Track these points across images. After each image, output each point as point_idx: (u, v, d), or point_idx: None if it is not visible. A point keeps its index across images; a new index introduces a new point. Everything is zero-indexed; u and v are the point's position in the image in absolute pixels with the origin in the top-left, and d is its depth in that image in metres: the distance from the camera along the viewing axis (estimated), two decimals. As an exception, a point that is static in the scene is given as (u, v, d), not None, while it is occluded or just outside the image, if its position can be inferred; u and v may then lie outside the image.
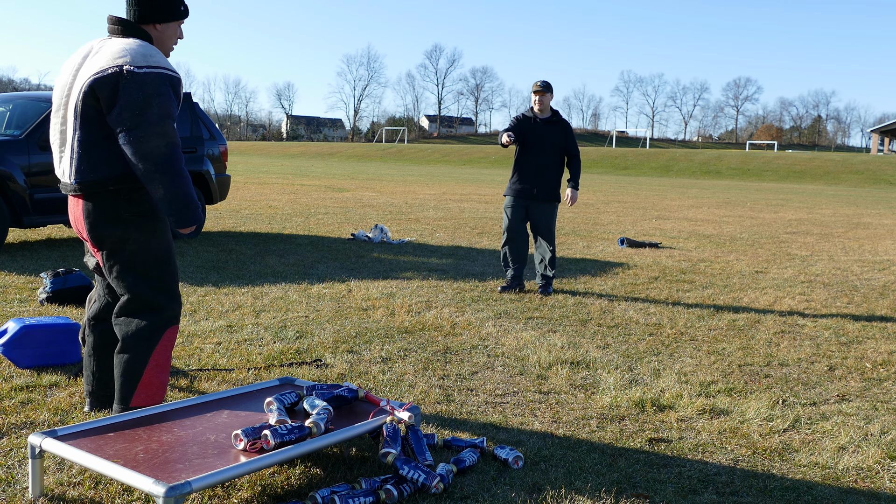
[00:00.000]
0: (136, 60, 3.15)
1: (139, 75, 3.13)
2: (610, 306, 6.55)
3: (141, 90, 3.12)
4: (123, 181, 3.25)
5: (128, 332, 3.34)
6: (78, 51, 3.42)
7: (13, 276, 6.90)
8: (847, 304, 7.04)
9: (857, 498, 3.08)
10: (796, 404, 4.18)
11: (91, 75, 3.16)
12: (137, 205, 3.30)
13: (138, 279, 3.32)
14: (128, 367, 3.33)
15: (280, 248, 9.28)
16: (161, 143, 3.14)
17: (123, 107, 3.11)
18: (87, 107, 3.18)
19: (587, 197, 22.61)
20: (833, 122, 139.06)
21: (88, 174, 3.22)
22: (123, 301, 3.35)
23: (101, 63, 3.18)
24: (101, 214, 3.26)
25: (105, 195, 3.26)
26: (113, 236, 3.28)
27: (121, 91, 3.12)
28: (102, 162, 3.22)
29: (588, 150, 67.42)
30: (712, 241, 11.77)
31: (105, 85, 3.13)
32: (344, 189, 21.88)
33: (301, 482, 3.00)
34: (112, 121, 3.15)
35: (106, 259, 3.32)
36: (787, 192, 31.73)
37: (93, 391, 3.64)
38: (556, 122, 6.98)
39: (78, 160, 3.23)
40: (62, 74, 3.39)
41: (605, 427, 3.74)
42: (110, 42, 3.30)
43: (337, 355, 4.77)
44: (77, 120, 3.22)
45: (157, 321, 3.35)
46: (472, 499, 2.91)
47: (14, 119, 8.71)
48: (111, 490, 2.87)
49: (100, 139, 3.21)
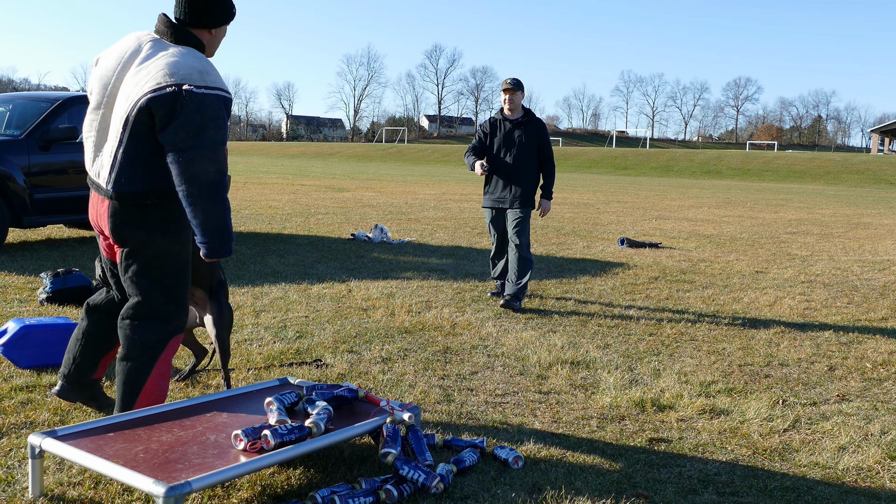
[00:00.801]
0: (195, 79, 3.07)
1: (198, 96, 3.05)
2: (610, 306, 6.55)
3: (198, 112, 3.04)
4: (159, 196, 3.19)
5: (134, 338, 3.26)
6: (122, 43, 3.29)
7: (13, 276, 6.90)
8: (847, 304, 7.04)
9: (857, 498, 3.08)
10: (796, 404, 4.18)
11: (148, 92, 3.06)
12: (166, 211, 3.24)
13: (153, 284, 3.26)
14: (131, 374, 3.27)
15: (280, 248, 9.28)
16: (211, 169, 3.08)
17: (179, 127, 3.04)
18: (139, 122, 3.10)
19: (587, 197, 22.60)
20: (833, 122, 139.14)
21: (127, 187, 3.15)
22: (133, 303, 3.28)
23: (156, 76, 3.07)
24: (128, 216, 3.19)
25: (136, 202, 3.20)
26: (136, 237, 3.21)
27: (178, 111, 3.03)
28: (143, 177, 3.15)
29: (588, 150, 67.43)
30: (712, 241, 11.77)
31: (162, 104, 3.04)
32: (344, 189, 21.88)
33: (301, 482, 3.00)
34: (164, 139, 3.07)
35: (125, 258, 3.27)
36: (788, 192, 31.74)
37: (69, 375, 3.58)
38: (528, 123, 6.46)
39: (119, 172, 3.15)
40: (104, 67, 3.28)
41: (605, 427, 3.74)
42: (162, 48, 3.19)
43: (337, 355, 4.77)
44: (126, 132, 3.13)
45: (164, 330, 3.28)
46: (472, 499, 2.91)
47: (14, 119, 8.72)
48: (111, 490, 2.87)
49: (145, 154, 3.14)
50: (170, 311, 3.29)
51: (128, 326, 3.28)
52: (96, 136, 3.26)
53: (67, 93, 9.11)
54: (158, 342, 3.28)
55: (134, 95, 3.10)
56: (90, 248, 8.75)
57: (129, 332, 3.27)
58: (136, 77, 3.14)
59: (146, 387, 3.28)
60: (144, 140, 3.12)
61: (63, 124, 8.47)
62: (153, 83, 3.06)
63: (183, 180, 3.06)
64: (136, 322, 3.27)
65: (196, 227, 3.13)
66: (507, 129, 6.45)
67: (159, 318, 3.27)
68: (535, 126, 6.48)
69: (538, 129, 6.47)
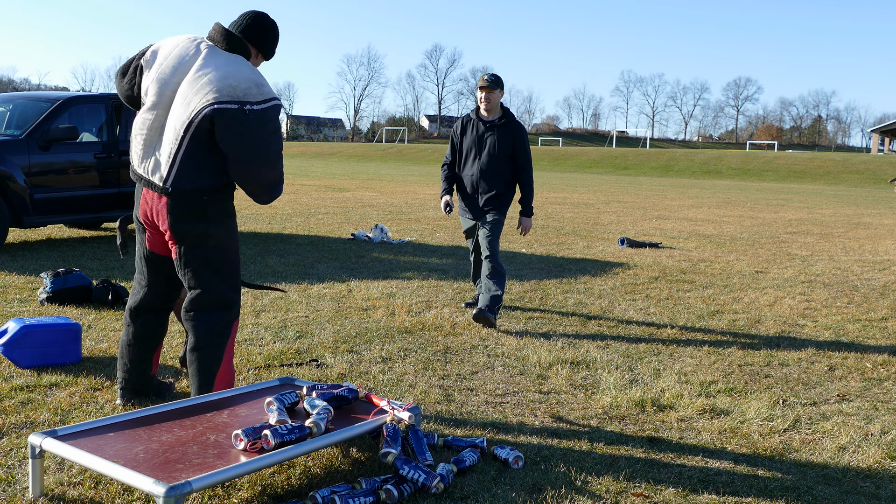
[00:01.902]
0: (254, 94, 3.29)
1: (259, 113, 3.28)
2: (610, 306, 6.55)
3: (261, 129, 3.29)
4: (216, 192, 3.41)
5: (203, 328, 3.46)
6: (179, 45, 3.44)
7: (13, 276, 6.90)
8: (847, 304, 7.04)
9: (857, 498, 3.08)
10: (796, 404, 4.18)
11: (211, 103, 3.24)
12: (221, 205, 3.45)
13: (215, 275, 3.47)
14: (206, 362, 3.47)
15: (280, 248, 9.28)
16: (276, 173, 3.39)
17: (243, 143, 3.27)
18: (200, 129, 3.29)
19: (587, 197, 22.60)
20: (833, 122, 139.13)
21: (185, 184, 3.35)
22: (195, 295, 3.47)
23: (219, 87, 3.26)
24: (186, 211, 3.38)
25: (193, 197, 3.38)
26: (194, 232, 3.40)
27: (240, 127, 3.26)
28: (202, 174, 3.35)
29: (588, 150, 67.43)
30: (712, 241, 11.77)
31: (226, 117, 3.25)
32: (344, 189, 21.88)
33: (301, 482, 3.00)
34: (227, 147, 3.29)
35: (185, 251, 3.44)
36: (788, 192, 31.73)
37: (129, 380, 3.73)
38: (505, 126, 5.76)
39: (178, 171, 3.34)
40: (162, 70, 3.42)
41: (605, 427, 3.74)
42: (218, 55, 3.38)
43: (337, 355, 4.77)
44: (187, 136, 3.31)
45: (228, 316, 3.51)
46: (472, 499, 2.91)
47: (14, 119, 8.72)
48: (111, 490, 2.87)
49: (204, 151, 3.34)
50: (231, 298, 3.52)
51: (195, 317, 3.48)
52: (148, 135, 3.42)
53: (67, 93, 9.12)
54: (225, 328, 3.50)
55: (196, 103, 3.28)
56: (90, 248, 8.75)
57: (197, 323, 3.47)
58: (195, 84, 3.31)
59: (220, 371, 3.50)
60: (203, 142, 3.33)
61: (63, 124, 8.48)
62: (215, 95, 3.26)
63: (250, 183, 3.36)
64: (202, 312, 3.47)
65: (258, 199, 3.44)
66: (479, 132, 5.81)
67: (223, 306, 3.50)
68: (512, 130, 5.78)
69: (515, 133, 5.77)
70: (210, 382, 3.49)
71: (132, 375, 3.73)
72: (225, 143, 3.28)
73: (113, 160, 8.86)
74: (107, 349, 4.73)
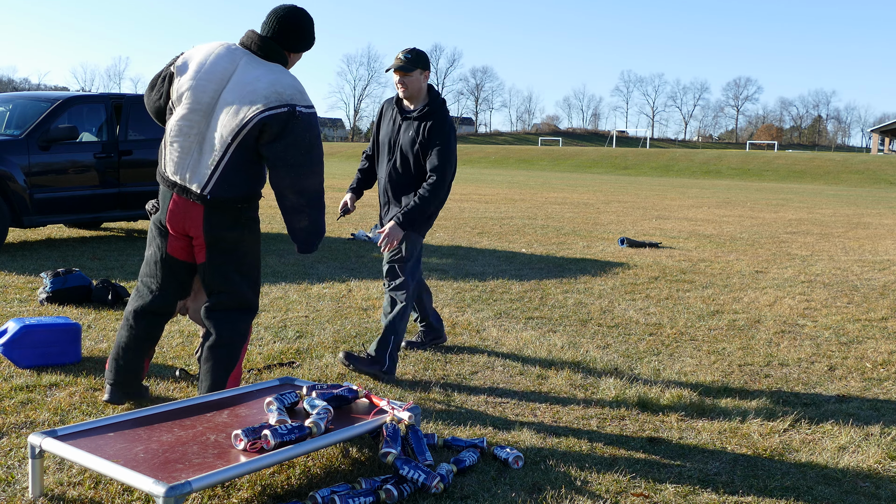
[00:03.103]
0: (300, 99, 3.35)
1: (306, 115, 3.35)
2: (610, 306, 6.55)
3: (308, 132, 3.35)
4: (250, 199, 3.48)
5: (227, 328, 3.53)
6: (214, 49, 3.44)
7: (13, 276, 6.90)
8: (847, 304, 7.04)
9: (857, 498, 3.08)
10: (796, 404, 4.18)
11: (263, 110, 3.28)
12: (252, 211, 3.52)
13: (243, 278, 3.55)
14: (224, 360, 3.54)
15: (280, 248, 9.28)
16: (318, 181, 3.43)
17: (290, 145, 3.33)
18: (249, 137, 3.33)
19: (587, 197, 22.60)
20: (833, 122, 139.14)
21: (224, 193, 3.39)
22: (222, 297, 3.54)
23: (266, 95, 3.29)
24: (223, 218, 3.43)
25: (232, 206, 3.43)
26: (229, 237, 3.46)
27: (290, 130, 3.31)
28: (241, 183, 3.41)
29: (588, 150, 67.42)
30: (712, 241, 11.77)
31: (277, 122, 3.30)
32: (344, 189, 21.87)
33: (301, 482, 3.00)
34: (272, 153, 3.34)
35: (216, 256, 3.49)
36: (787, 192, 31.73)
37: (121, 382, 3.71)
38: (422, 118, 4.38)
39: (219, 180, 3.37)
40: (198, 73, 3.38)
41: (605, 427, 3.74)
42: (259, 64, 3.41)
43: (337, 355, 4.77)
44: (234, 145, 3.34)
45: (251, 318, 3.62)
46: (472, 499, 2.91)
47: (14, 119, 8.72)
48: (111, 490, 2.87)
49: (246, 162, 3.39)
50: (254, 302, 3.63)
51: (221, 318, 3.55)
52: (186, 143, 3.41)
53: (67, 93, 9.12)
54: (247, 329, 3.61)
55: (244, 112, 3.30)
56: (90, 248, 8.75)
57: (223, 323, 3.54)
58: (239, 93, 3.33)
59: (235, 369, 3.58)
60: (249, 150, 3.37)
61: (63, 124, 8.48)
62: (264, 101, 3.30)
63: (292, 192, 3.40)
64: (229, 313, 3.56)
65: (299, 231, 3.50)
66: (396, 124, 4.48)
67: (248, 308, 3.60)
68: (426, 123, 4.36)
69: (430, 128, 4.34)
70: (224, 381, 3.55)
71: (125, 379, 3.70)
72: (274, 148, 3.32)
73: (113, 160, 8.86)
74: (107, 349, 4.73)
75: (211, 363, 3.54)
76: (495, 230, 12.31)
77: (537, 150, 68.02)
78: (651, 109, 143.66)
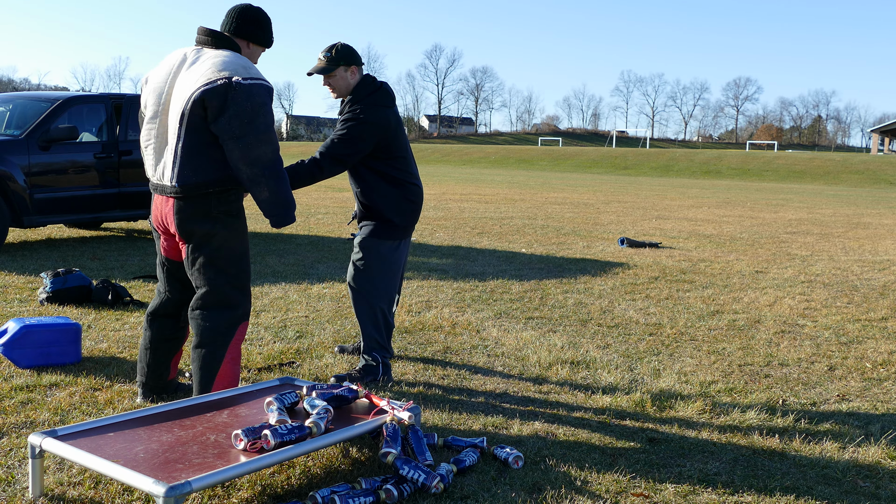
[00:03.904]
0: (241, 72, 3.35)
1: (246, 86, 3.33)
2: (610, 306, 6.55)
3: (249, 100, 3.32)
4: (221, 184, 3.45)
5: (205, 326, 3.53)
6: (168, 59, 3.57)
7: (13, 276, 6.90)
8: (847, 304, 7.04)
9: (857, 498, 3.08)
10: (796, 404, 4.18)
11: (200, 86, 3.32)
12: (226, 204, 3.49)
13: (219, 274, 3.52)
14: (206, 361, 3.54)
15: (280, 248, 9.28)
16: (268, 150, 3.38)
17: (233, 116, 3.31)
18: (194, 115, 3.36)
19: (587, 197, 22.60)
20: (833, 122, 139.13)
21: (190, 178, 3.41)
22: (201, 294, 3.54)
23: (206, 73, 3.34)
24: (193, 211, 3.44)
25: (199, 196, 3.43)
26: (201, 231, 3.46)
27: (230, 101, 3.30)
28: (204, 166, 3.41)
29: (588, 150, 67.41)
30: (712, 241, 11.77)
31: (215, 95, 3.30)
32: (344, 189, 21.87)
33: (301, 482, 3.00)
34: (219, 129, 3.34)
35: (191, 252, 3.52)
36: (787, 192, 31.73)
37: (146, 382, 3.81)
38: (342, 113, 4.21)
39: (181, 165, 3.41)
40: (154, 81, 3.55)
41: (605, 427, 3.74)
42: (207, 53, 3.47)
43: (337, 355, 4.77)
44: (182, 127, 3.39)
45: (232, 317, 3.55)
46: (472, 499, 2.91)
47: (14, 119, 8.72)
48: (111, 490, 2.87)
49: (203, 145, 3.40)
50: (236, 299, 3.56)
51: (198, 316, 3.54)
52: (156, 143, 3.51)
53: (67, 93, 9.12)
54: (228, 328, 3.55)
55: (187, 91, 3.35)
56: (90, 248, 8.75)
57: (200, 321, 3.54)
58: (186, 78, 3.41)
59: (220, 371, 3.56)
60: (200, 132, 3.39)
61: (63, 124, 8.48)
62: (204, 78, 3.33)
63: (245, 164, 3.36)
64: (205, 311, 3.54)
65: (262, 204, 3.44)
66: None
67: (227, 306, 3.54)
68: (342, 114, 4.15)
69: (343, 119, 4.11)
70: (209, 382, 3.55)
71: (150, 379, 3.81)
72: (219, 123, 3.33)
73: (113, 160, 8.86)
74: (107, 349, 4.73)
75: (196, 365, 3.57)
76: (495, 230, 12.31)
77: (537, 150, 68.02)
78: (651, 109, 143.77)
